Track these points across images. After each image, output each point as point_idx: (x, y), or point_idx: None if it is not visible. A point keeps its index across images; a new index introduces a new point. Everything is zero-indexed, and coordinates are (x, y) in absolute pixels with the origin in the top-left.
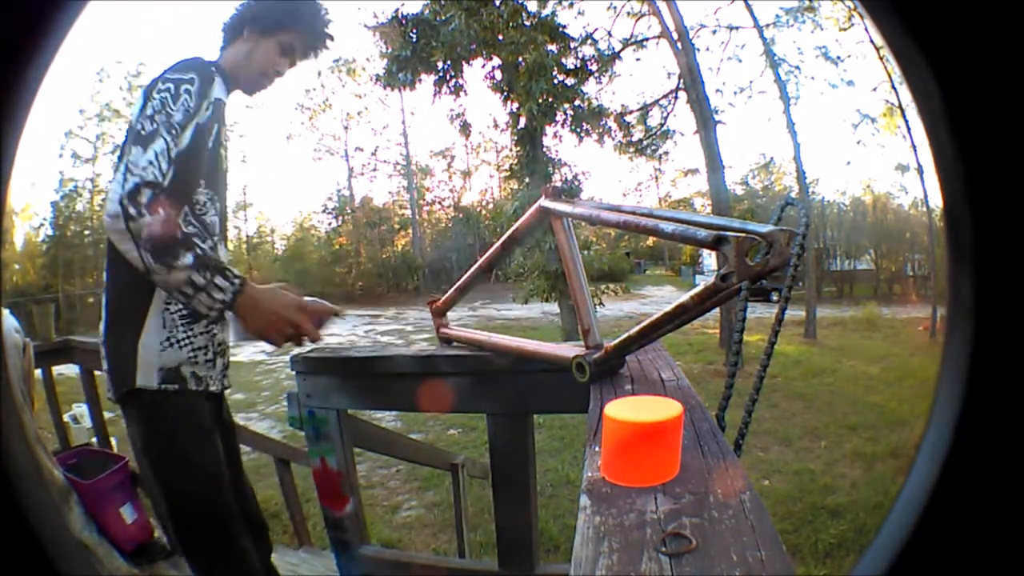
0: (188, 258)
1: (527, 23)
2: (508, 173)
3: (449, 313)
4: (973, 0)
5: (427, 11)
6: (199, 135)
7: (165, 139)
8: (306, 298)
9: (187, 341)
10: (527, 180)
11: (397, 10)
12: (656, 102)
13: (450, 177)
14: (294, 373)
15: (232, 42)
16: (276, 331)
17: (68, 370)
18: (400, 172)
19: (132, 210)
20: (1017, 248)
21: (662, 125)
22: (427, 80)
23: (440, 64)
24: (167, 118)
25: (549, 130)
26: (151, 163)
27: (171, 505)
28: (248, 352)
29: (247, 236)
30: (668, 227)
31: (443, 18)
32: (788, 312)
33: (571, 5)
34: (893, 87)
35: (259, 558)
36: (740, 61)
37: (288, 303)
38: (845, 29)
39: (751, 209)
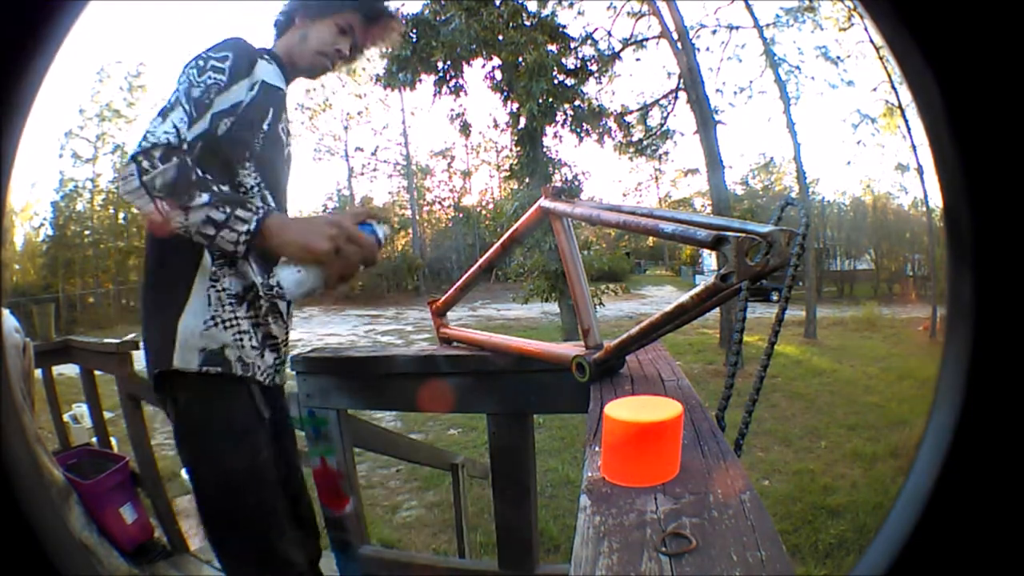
0: (204, 197)
1: (527, 23)
2: (508, 173)
3: (449, 313)
4: (973, 0)
5: (427, 11)
6: (239, 112)
7: (184, 108)
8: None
9: (233, 322)
10: (527, 180)
11: (397, 10)
12: (656, 102)
13: (450, 177)
14: (294, 373)
15: (284, 32)
16: (317, 236)
17: (68, 370)
18: (400, 172)
19: (146, 164)
20: (1017, 248)
21: (662, 125)
22: (427, 80)
23: (440, 64)
24: (188, 89)
25: (549, 130)
26: (167, 131)
27: (204, 502)
28: None
29: None
30: (668, 227)
31: (443, 18)
32: (788, 312)
33: (571, 5)
34: (893, 87)
35: (305, 565)
36: (740, 61)
37: (320, 217)
38: (845, 29)
39: (751, 209)
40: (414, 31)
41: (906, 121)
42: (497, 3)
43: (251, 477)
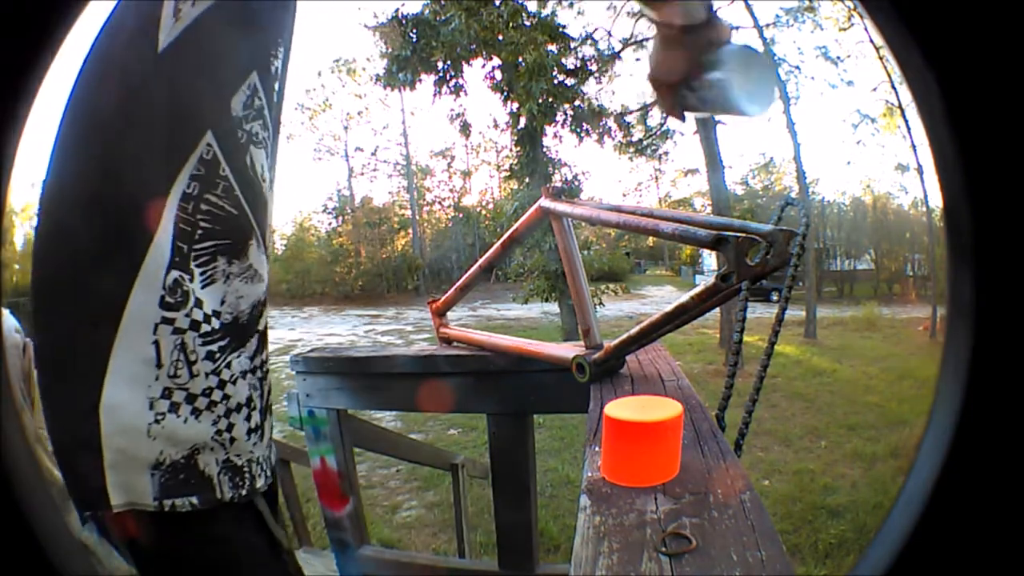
0: None
1: (527, 23)
2: (508, 173)
3: (449, 313)
4: (973, 0)
5: (427, 11)
6: None
7: None
8: None
9: (215, 393)
10: (527, 180)
11: (397, 10)
12: (656, 102)
13: (450, 177)
14: (294, 373)
15: None
16: None
17: None
18: (400, 172)
19: None
20: (1017, 248)
21: (662, 125)
22: (427, 80)
23: (440, 64)
24: None
25: (549, 130)
26: None
27: None
28: None
29: None
30: (668, 227)
31: (443, 18)
32: (788, 312)
33: (571, 5)
34: (893, 87)
35: None
36: None
37: None
38: (845, 29)
39: (751, 209)
40: (414, 31)
41: (906, 121)
42: (497, 3)
43: None
